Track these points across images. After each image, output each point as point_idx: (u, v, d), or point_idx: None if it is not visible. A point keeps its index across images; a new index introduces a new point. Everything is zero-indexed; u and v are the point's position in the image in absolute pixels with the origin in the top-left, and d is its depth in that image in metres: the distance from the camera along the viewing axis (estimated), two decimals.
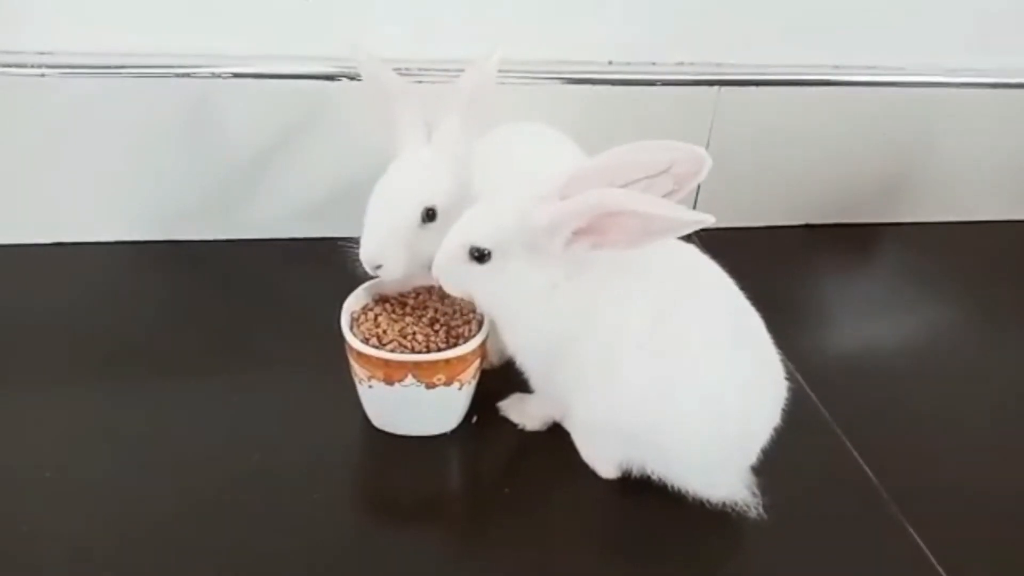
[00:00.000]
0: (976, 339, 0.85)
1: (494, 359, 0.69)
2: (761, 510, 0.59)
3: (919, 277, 0.95)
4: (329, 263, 0.67)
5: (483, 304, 0.61)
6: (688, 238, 0.53)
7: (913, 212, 1.03)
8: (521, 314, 0.59)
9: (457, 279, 0.59)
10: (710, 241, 0.91)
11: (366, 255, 0.62)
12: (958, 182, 1.02)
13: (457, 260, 0.58)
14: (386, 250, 0.61)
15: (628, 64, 0.87)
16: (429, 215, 0.62)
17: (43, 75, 0.75)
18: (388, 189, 0.62)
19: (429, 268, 0.60)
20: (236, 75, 0.78)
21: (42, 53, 0.76)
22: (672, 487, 0.60)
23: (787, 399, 0.59)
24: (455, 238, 0.58)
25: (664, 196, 0.54)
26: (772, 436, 0.59)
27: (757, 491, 0.60)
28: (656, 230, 0.52)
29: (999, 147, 1.01)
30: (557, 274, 0.56)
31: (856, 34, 0.91)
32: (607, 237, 0.53)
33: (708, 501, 0.59)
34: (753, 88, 0.90)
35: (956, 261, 0.98)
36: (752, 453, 0.59)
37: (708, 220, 0.50)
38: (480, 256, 0.57)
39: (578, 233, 0.54)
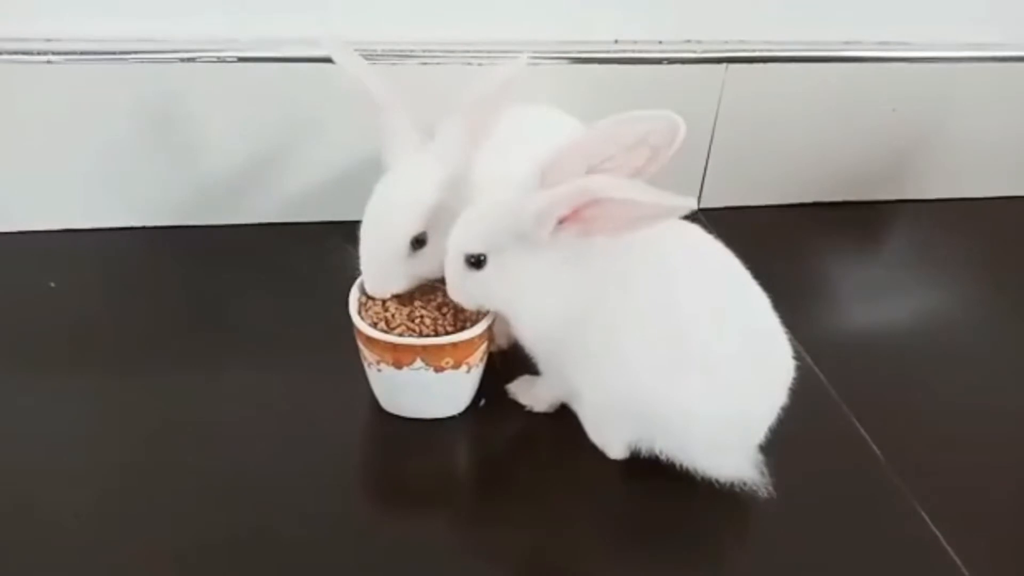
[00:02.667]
0: (987, 317, 0.85)
1: (502, 341, 0.69)
2: (770, 490, 0.59)
3: (929, 255, 0.94)
4: (334, 246, 0.67)
5: (494, 306, 0.61)
6: (695, 217, 0.53)
7: (923, 189, 1.02)
8: (528, 304, 0.59)
9: (468, 292, 0.60)
10: (719, 220, 0.91)
11: (369, 288, 0.63)
12: (969, 158, 1.01)
13: (460, 275, 0.59)
14: (386, 282, 0.63)
15: (635, 43, 0.87)
16: (418, 243, 0.62)
17: (49, 61, 0.75)
18: (375, 223, 0.62)
19: (431, 278, 0.62)
20: (241, 59, 0.78)
21: (48, 39, 0.76)
22: (681, 467, 0.60)
23: (796, 379, 0.59)
24: (450, 254, 0.59)
25: (642, 165, 0.54)
26: (781, 415, 0.59)
27: (765, 470, 0.60)
28: (641, 216, 0.52)
29: (1010, 122, 1.00)
30: (554, 259, 0.57)
31: (865, 10, 0.90)
32: (594, 225, 0.54)
33: (717, 481, 0.60)
34: (761, 65, 0.89)
35: (967, 238, 0.98)
36: (759, 432, 0.59)
37: (690, 205, 0.50)
38: (477, 262, 0.58)
39: (564, 221, 0.54)
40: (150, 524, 0.57)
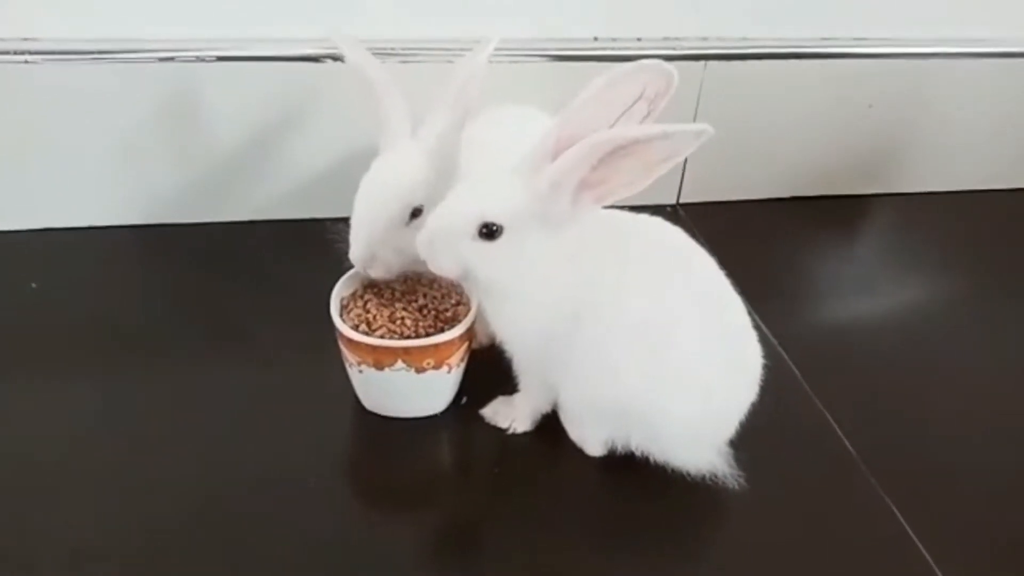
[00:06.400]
0: (962, 311, 0.86)
1: (483, 339, 0.70)
2: (742, 482, 0.61)
3: (906, 248, 0.96)
4: (319, 243, 0.68)
5: (485, 281, 0.58)
6: (676, 215, 0.53)
7: (900, 183, 1.04)
8: (527, 291, 0.58)
9: (455, 255, 0.56)
10: (698, 215, 0.92)
11: (356, 258, 0.62)
12: (945, 153, 1.03)
13: (462, 236, 0.55)
14: (375, 253, 0.62)
15: (614, 40, 0.87)
16: (416, 214, 0.62)
17: (27, 61, 0.75)
18: (372, 190, 0.62)
19: (418, 262, 0.60)
20: (221, 58, 0.78)
21: (26, 39, 0.75)
22: (654, 462, 0.61)
23: (769, 373, 0.61)
24: (464, 211, 0.55)
25: (641, 122, 0.54)
26: (755, 410, 0.61)
27: (735, 463, 0.61)
28: (654, 160, 0.51)
29: (986, 117, 1.01)
30: (563, 247, 0.56)
31: (842, 7, 0.91)
32: (608, 185, 0.53)
33: (689, 474, 0.61)
34: (739, 62, 0.90)
35: (943, 232, 0.99)
36: (731, 427, 0.61)
37: (707, 131, 0.49)
38: (491, 232, 0.55)
39: (581, 187, 0.54)
40: (133, 519, 0.57)
